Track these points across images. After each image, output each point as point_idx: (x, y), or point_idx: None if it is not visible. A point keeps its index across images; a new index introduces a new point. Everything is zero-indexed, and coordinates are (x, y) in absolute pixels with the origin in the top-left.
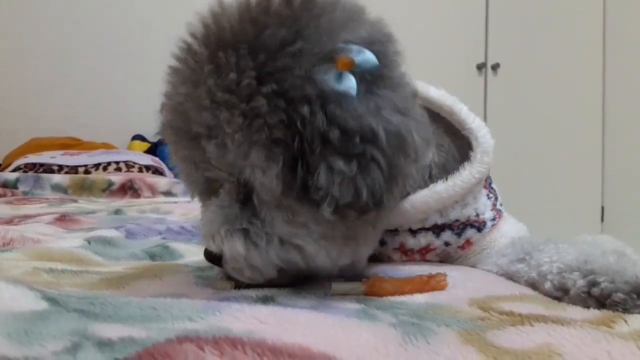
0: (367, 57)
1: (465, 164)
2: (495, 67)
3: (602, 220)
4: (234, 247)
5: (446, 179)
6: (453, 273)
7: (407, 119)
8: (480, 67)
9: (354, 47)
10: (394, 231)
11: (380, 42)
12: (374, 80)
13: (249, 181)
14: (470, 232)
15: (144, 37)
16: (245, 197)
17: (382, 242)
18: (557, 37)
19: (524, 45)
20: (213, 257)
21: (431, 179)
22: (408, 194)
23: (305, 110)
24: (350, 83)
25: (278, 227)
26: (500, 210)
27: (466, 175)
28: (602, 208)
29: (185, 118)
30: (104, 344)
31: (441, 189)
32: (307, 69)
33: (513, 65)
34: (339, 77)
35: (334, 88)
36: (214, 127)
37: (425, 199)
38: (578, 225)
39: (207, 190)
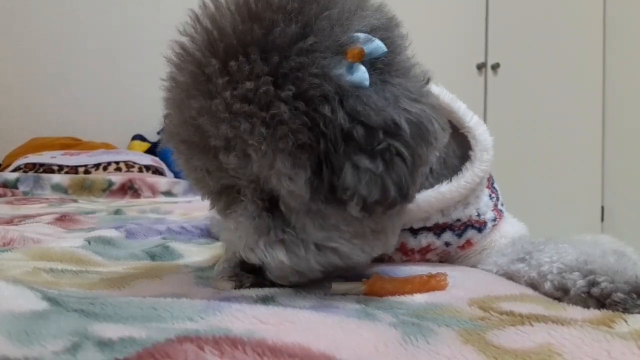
0: (376, 45)
1: (467, 164)
2: (495, 67)
3: (602, 220)
4: (278, 258)
5: (450, 179)
6: (453, 273)
7: (424, 106)
8: (480, 67)
9: (362, 36)
10: None
11: (385, 28)
12: (386, 68)
13: (274, 189)
14: (470, 233)
15: (144, 36)
16: (271, 203)
17: None
18: (557, 37)
19: (524, 45)
20: (251, 268)
21: (432, 172)
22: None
23: (326, 109)
24: (362, 74)
25: (311, 233)
26: (501, 211)
27: (469, 175)
28: (602, 208)
29: (200, 132)
30: (104, 344)
31: (445, 189)
32: (322, 65)
33: (513, 65)
34: (350, 68)
35: (350, 82)
36: (233, 139)
37: (429, 199)
38: (578, 225)
39: (221, 193)
